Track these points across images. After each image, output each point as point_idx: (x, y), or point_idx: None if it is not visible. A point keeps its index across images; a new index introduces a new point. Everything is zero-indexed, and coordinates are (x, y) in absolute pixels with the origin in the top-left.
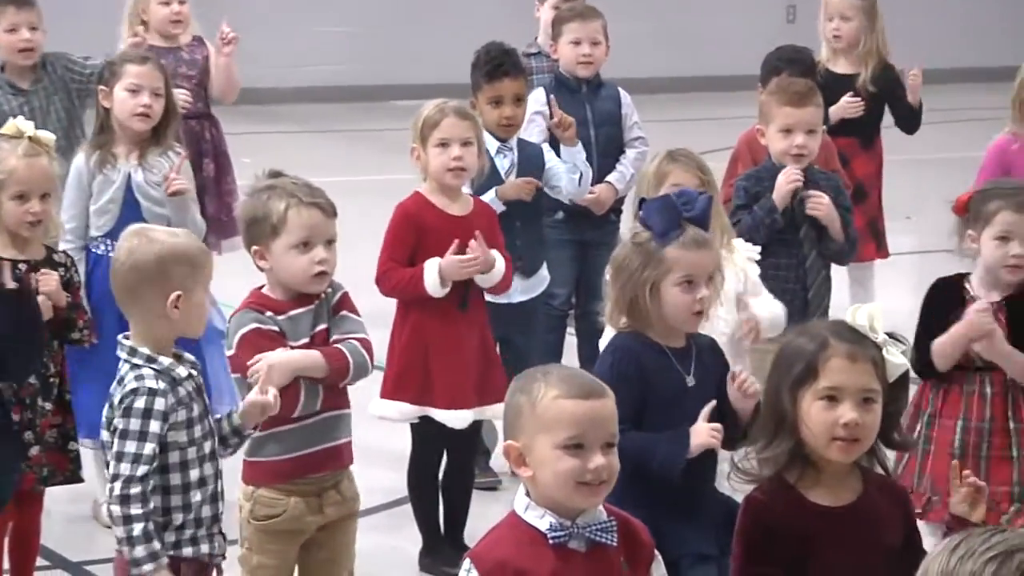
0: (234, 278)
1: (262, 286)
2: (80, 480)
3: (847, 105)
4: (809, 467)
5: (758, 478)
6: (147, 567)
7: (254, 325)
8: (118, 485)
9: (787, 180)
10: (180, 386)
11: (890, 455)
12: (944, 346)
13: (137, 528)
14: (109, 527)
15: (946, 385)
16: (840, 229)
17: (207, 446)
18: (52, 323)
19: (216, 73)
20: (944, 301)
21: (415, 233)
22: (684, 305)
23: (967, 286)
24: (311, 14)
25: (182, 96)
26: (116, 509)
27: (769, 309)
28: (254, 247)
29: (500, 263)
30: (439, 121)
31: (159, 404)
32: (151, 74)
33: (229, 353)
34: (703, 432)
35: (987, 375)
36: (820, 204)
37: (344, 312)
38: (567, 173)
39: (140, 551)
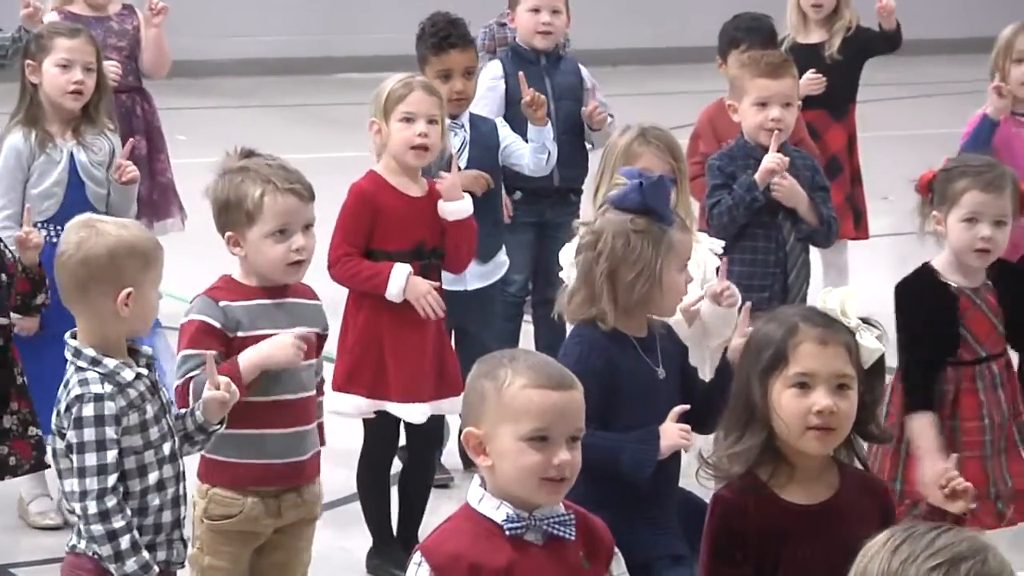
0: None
1: (228, 274)
2: (46, 466)
3: (808, 81)
4: (782, 463)
5: (728, 475)
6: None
7: (200, 319)
8: (92, 504)
9: (772, 161)
10: (129, 388)
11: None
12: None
13: (124, 542)
14: (40, 527)
15: (952, 386)
16: (810, 210)
17: (166, 448)
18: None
19: (146, 45)
20: (920, 293)
21: (371, 216)
22: (681, 290)
23: (945, 279)
24: None
25: (112, 68)
26: (98, 528)
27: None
28: (228, 233)
29: (467, 201)
30: (405, 95)
31: (108, 408)
32: (83, 48)
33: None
34: (672, 433)
35: (992, 363)
36: (780, 184)
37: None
38: (534, 153)
39: (131, 565)
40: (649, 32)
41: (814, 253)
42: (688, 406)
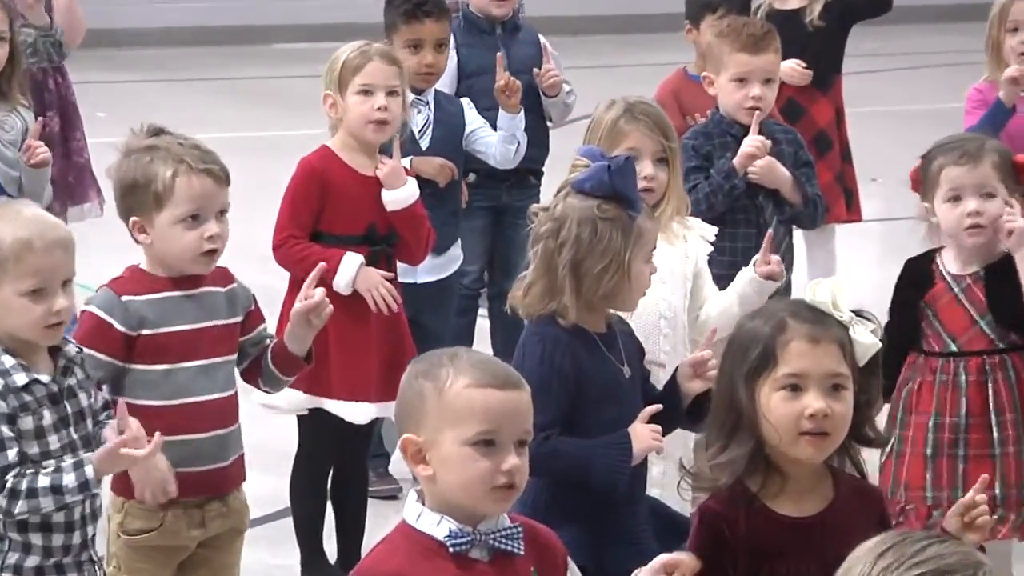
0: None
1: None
2: None
3: (791, 72)
4: (773, 472)
5: (715, 486)
6: (88, 474)
7: (98, 314)
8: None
9: (751, 146)
10: (23, 391)
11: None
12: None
13: (45, 498)
14: None
15: (919, 377)
16: (794, 190)
17: (68, 460)
18: None
19: (56, 13)
20: (911, 283)
21: (320, 195)
22: (646, 283)
23: (939, 261)
24: None
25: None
26: (20, 504)
27: (720, 304)
28: (132, 218)
29: (410, 188)
30: (362, 65)
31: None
32: None
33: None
34: (644, 436)
35: (962, 361)
36: (758, 166)
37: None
38: (502, 143)
39: (70, 482)
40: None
41: (798, 237)
42: (660, 405)
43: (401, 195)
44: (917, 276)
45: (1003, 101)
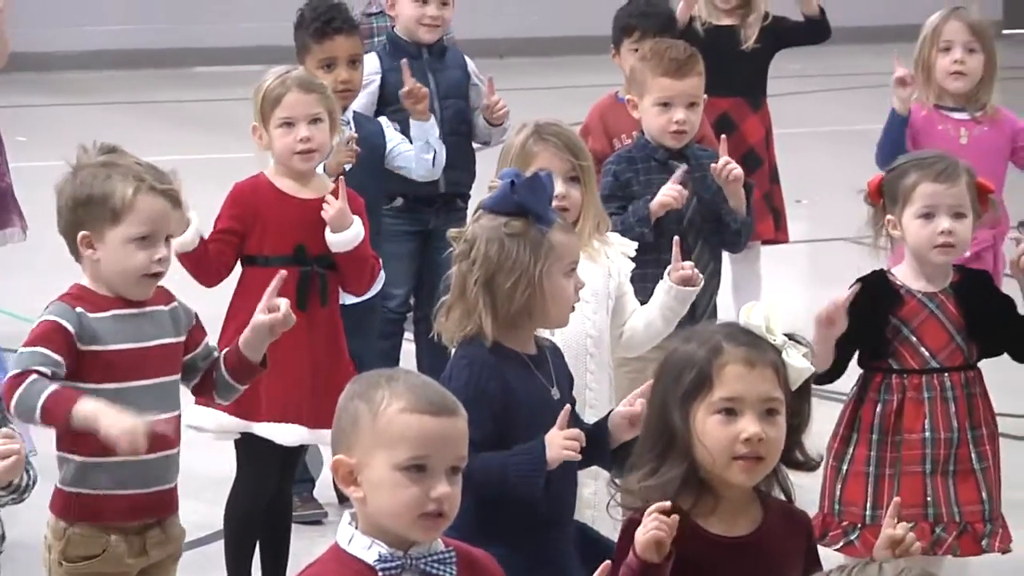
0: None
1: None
2: None
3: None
4: (705, 492)
5: (645, 508)
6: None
7: (54, 319)
8: None
9: (668, 195)
10: None
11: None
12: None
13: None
14: None
15: (897, 396)
16: (743, 202)
17: None
18: None
19: None
20: (870, 299)
21: (244, 218)
22: (570, 298)
23: (898, 280)
24: None
25: None
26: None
27: (643, 319)
28: (82, 232)
29: (355, 230)
30: (281, 97)
31: None
32: None
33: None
34: (557, 443)
35: (945, 376)
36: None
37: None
38: (419, 153)
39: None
40: (540, 20)
41: (725, 260)
42: (570, 406)
43: (346, 237)
44: (877, 293)
45: (896, 109)
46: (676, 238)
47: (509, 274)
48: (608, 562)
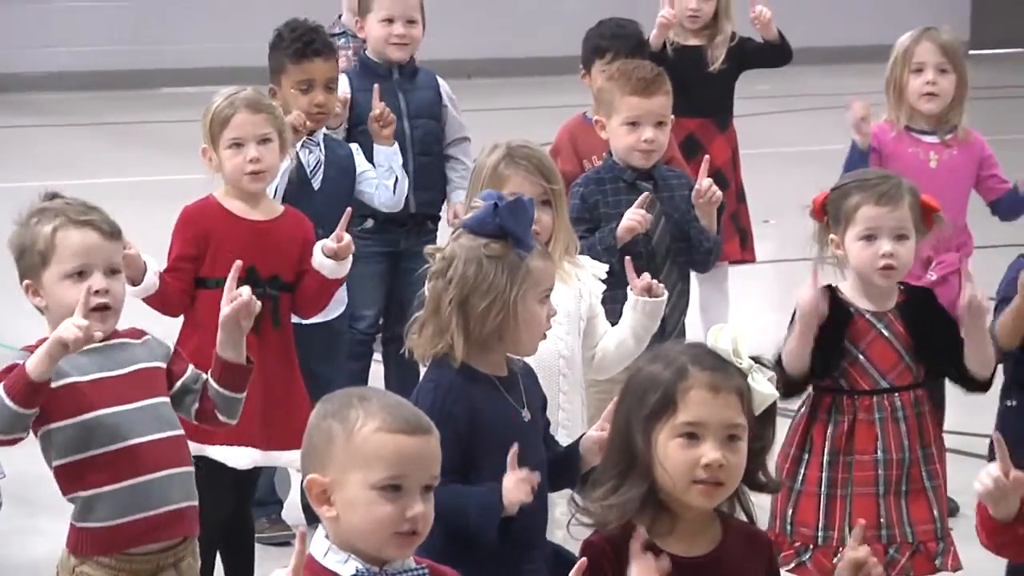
0: None
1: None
2: None
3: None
4: (663, 513)
5: (603, 526)
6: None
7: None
8: None
9: (633, 220)
10: None
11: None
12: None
13: None
14: None
15: (848, 416)
16: (715, 222)
17: None
18: None
19: None
20: (831, 316)
21: (196, 241)
22: (542, 324)
23: (846, 298)
24: None
25: None
26: None
27: (614, 339)
28: (26, 282)
29: (346, 266)
30: (229, 117)
31: None
32: None
33: None
34: (512, 488)
35: (895, 397)
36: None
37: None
38: (381, 179)
39: None
40: (507, 40)
41: (692, 281)
42: (517, 446)
43: (337, 268)
44: (835, 310)
45: (858, 144)
46: (628, 258)
47: (484, 296)
48: (584, 559)
